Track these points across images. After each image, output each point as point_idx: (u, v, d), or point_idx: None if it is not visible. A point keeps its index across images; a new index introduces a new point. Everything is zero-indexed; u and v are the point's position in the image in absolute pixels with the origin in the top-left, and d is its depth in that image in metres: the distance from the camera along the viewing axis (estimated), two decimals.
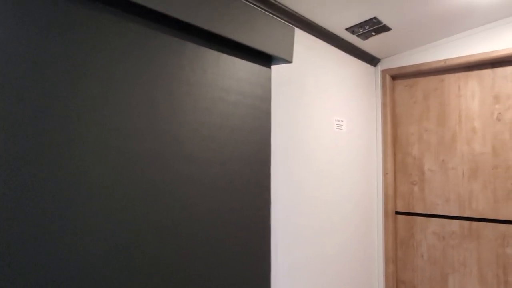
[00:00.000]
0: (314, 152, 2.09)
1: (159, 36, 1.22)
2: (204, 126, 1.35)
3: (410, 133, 2.61)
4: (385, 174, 2.64)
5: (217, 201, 1.38)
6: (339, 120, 2.30)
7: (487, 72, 2.33)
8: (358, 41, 2.36)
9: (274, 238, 1.78)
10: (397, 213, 2.63)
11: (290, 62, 1.64)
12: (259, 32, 1.48)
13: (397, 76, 2.69)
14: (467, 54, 2.34)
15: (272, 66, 1.85)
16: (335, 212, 2.25)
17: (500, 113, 2.26)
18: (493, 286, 2.22)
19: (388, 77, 2.68)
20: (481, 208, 2.29)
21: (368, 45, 2.44)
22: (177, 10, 1.19)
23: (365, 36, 2.26)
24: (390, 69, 2.68)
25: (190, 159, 1.29)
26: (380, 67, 2.74)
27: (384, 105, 2.68)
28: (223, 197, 1.40)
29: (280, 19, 1.87)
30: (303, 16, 1.98)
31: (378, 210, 2.68)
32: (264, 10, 1.79)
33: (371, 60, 2.68)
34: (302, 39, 2.04)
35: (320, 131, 2.15)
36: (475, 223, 2.30)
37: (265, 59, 1.60)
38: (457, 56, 2.38)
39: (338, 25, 2.11)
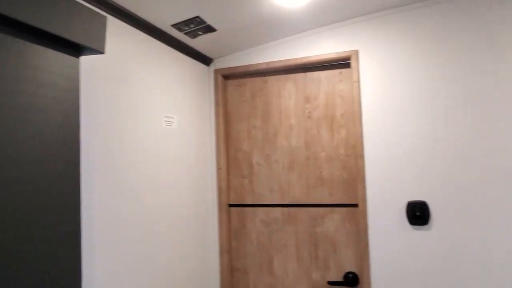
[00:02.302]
0: (142, 149, 2.03)
1: None
2: None
3: (241, 130, 2.79)
4: (218, 169, 2.76)
5: (4, 212, 1.19)
6: (169, 117, 2.29)
7: (300, 76, 2.66)
8: (187, 39, 2.39)
9: (92, 247, 1.65)
10: (230, 205, 2.78)
11: (102, 53, 1.54)
12: (60, 16, 1.34)
13: (228, 76, 2.84)
14: (284, 58, 2.63)
15: (86, 58, 1.71)
16: (168, 210, 2.23)
17: (310, 112, 2.62)
18: (307, 261, 2.56)
19: (220, 77, 2.81)
20: (297, 195, 2.61)
21: (198, 44, 2.51)
22: None
23: (192, 34, 2.31)
24: (222, 69, 2.81)
25: None
26: (213, 66, 2.85)
27: (216, 103, 2.80)
28: (16, 211, 1.21)
29: (94, 7, 1.74)
30: (124, 7, 1.89)
31: (213, 204, 2.78)
32: None
33: (204, 59, 2.75)
34: (124, 32, 1.95)
35: (148, 128, 2.09)
36: (292, 208, 2.61)
37: (71, 48, 1.46)
38: (277, 59, 2.65)
39: (163, 21, 2.10)
